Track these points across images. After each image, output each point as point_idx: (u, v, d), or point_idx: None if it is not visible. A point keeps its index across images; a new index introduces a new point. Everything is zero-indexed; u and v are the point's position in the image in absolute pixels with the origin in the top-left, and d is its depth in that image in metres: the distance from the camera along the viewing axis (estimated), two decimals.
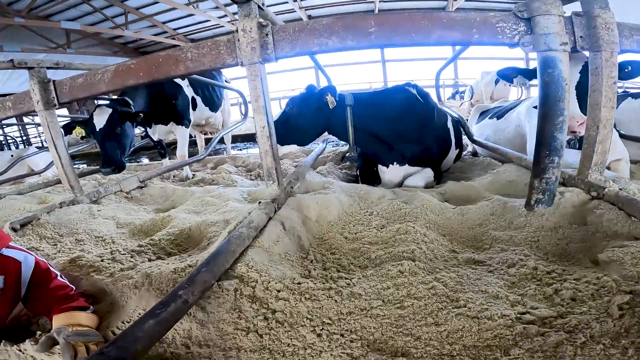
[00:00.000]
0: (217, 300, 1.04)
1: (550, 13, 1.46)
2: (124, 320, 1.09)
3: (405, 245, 1.39)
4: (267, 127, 1.62)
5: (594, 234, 1.34)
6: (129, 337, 0.74)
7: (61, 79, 2.32)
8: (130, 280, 1.24)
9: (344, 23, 1.60)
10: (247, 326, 0.98)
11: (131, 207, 2.55)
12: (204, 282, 0.96)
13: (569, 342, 0.85)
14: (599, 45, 1.54)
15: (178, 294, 0.88)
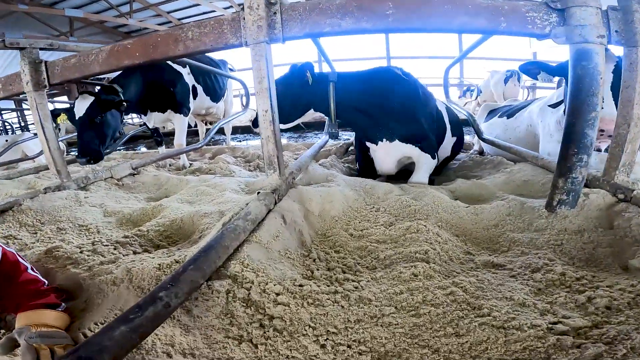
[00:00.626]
0: (206, 303, 0.90)
1: (587, 5, 1.36)
2: (97, 321, 0.95)
3: (418, 245, 1.26)
4: (269, 111, 1.48)
5: (622, 239, 1.22)
6: (94, 346, 0.61)
7: (53, 60, 2.20)
8: (109, 275, 1.11)
9: (359, 3, 1.46)
10: (239, 334, 0.84)
11: (121, 194, 2.41)
12: (190, 282, 0.82)
13: (608, 354, 0.74)
14: (635, 40, 1.44)
15: (159, 296, 0.74)
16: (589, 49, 1.36)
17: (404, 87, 2.41)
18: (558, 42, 1.41)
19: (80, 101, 2.84)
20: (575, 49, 1.38)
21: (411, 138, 2.35)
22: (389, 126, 2.35)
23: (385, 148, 2.40)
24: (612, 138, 1.53)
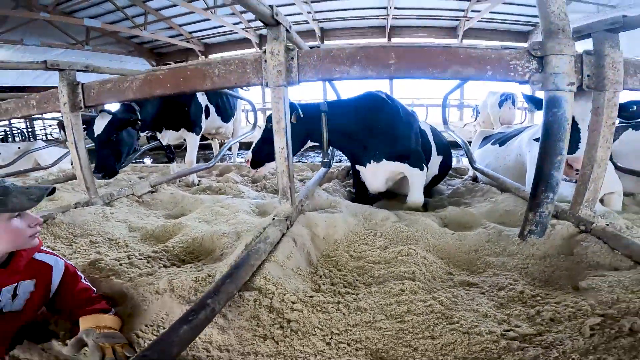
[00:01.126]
0: (238, 309, 1.15)
1: (563, 53, 1.52)
2: (147, 323, 1.18)
3: (407, 266, 1.51)
4: (285, 149, 1.74)
5: (578, 264, 1.47)
6: (166, 341, 0.85)
7: (89, 82, 2.39)
8: (151, 285, 1.34)
9: (366, 53, 1.68)
10: (264, 333, 1.09)
11: (142, 211, 2.66)
12: (228, 292, 1.07)
13: (544, 356, 0.97)
14: (603, 85, 1.59)
15: (207, 303, 0.99)
16: (559, 97, 1.52)
17: (388, 110, 2.64)
18: (535, 88, 1.59)
19: (99, 119, 3.04)
20: (548, 96, 1.55)
21: (397, 156, 2.59)
22: (376, 148, 2.58)
23: (373, 169, 2.64)
24: (579, 177, 1.75)
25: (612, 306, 1.15)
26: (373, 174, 2.68)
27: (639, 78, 1.63)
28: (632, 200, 2.88)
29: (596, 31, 1.62)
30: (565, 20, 1.53)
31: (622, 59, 1.58)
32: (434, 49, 1.64)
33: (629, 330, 1.02)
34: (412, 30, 15.27)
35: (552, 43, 1.51)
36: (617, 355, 0.94)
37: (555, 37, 1.51)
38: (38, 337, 1.19)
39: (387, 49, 1.66)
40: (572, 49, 1.54)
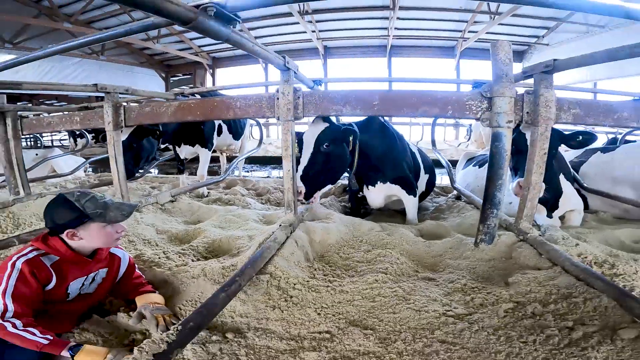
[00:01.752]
0: (255, 287, 1.60)
1: (504, 95, 1.84)
2: (187, 299, 1.63)
3: (382, 264, 1.95)
4: (291, 171, 2.21)
5: (512, 265, 1.90)
6: (211, 302, 1.30)
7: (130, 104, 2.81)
8: (187, 273, 1.78)
9: (356, 96, 2.12)
10: (273, 304, 1.54)
11: (165, 217, 3.10)
12: (249, 274, 1.53)
13: (468, 329, 1.39)
14: (537, 120, 1.89)
15: (235, 280, 1.44)
16: (500, 132, 1.85)
17: (390, 136, 3.04)
18: (484, 125, 1.91)
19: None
20: (493, 132, 1.89)
21: (399, 180, 3.02)
22: (385, 170, 2.99)
23: (379, 188, 3.07)
24: (521, 198, 2.16)
25: (524, 296, 1.57)
26: (377, 194, 3.11)
27: (572, 113, 1.95)
28: (595, 217, 3.30)
29: (536, 72, 1.97)
30: (509, 65, 1.86)
31: (555, 98, 1.90)
32: (408, 94, 2.08)
33: (532, 313, 1.45)
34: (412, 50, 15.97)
35: (497, 86, 1.85)
36: (519, 331, 1.35)
37: (500, 81, 1.85)
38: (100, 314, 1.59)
39: (373, 93, 2.11)
40: (512, 91, 1.85)
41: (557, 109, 1.93)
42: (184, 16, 1.20)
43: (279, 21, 13.55)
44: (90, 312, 1.57)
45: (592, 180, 3.49)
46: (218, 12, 1.31)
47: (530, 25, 12.86)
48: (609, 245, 2.31)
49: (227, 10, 1.34)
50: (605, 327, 1.30)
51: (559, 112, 1.94)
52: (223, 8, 1.31)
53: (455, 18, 13.03)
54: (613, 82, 11.41)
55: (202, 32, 1.35)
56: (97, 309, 1.64)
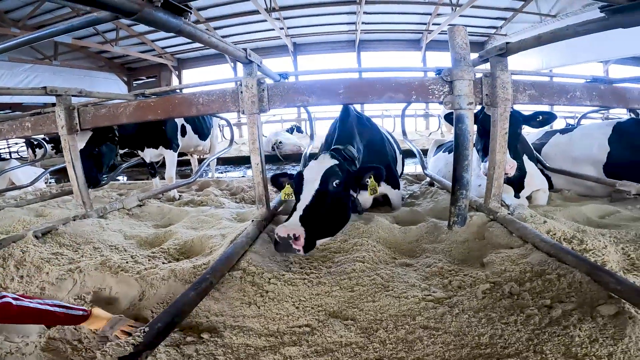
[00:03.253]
0: (228, 284, 1.54)
1: (464, 78, 1.90)
2: (158, 302, 1.55)
3: (359, 253, 1.92)
4: (260, 164, 2.16)
5: (486, 245, 1.93)
6: (180, 303, 1.24)
7: (84, 107, 2.66)
8: (157, 275, 1.70)
9: (321, 85, 2.13)
10: (249, 301, 1.48)
11: (133, 222, 2.97)
12: (221, 271, 1.46)
13: (449, 313, 1.39)
14: (496, 102, 1.96)
15: (206, 277, 1.38)
16: (463, 114, 1.92)
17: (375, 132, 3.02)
18: (447, 108, 1.97)
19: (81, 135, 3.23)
20: (456, 114, 1.95)
21: (387, 180, 2.96)
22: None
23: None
24: (487, 177, 2.21)
25: (500, 275, 1.59)
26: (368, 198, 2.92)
27: (527, 94, 2.04)
28: (559, 195, 3.43)
29: (491, 56, 2.03)
30: (466, 49, 1.93)
31: (511, 79, 1.97)
32: (372, 81, 2.09)
33: (509, 293, 1.46)
34: (380, 44, 16.20)
35: (457, 70, 1.92)
36: (499, 312, 1.36)
37: (459, 65, 1.92)
38: None
39: (337, 82, 2.10)
40: (471, 74, 1.92)
41: (514, 90, 2.00)
42: (127, 8, 1.14)
43: (246, 19, 13.38)
44: None
45: (554, 160, 3.62)
46: (166, 2, 1.25)
47: (488, 17, 13.36)
48: (575, 222, 2.39)
49: (175, 1, 1.28)
50: (583, 303, 1.32)
51: (516, 93, 2.01)
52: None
53: (420, 11, 13.35)
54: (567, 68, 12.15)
55: (150, 24, 1.29)
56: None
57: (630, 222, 2.41)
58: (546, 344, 1.17)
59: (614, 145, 3.25)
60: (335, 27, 14.81)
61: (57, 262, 1.95)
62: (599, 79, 2.31)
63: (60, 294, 1.70)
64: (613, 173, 3.22)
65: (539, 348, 1.16)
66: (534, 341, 1.20)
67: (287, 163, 9.73)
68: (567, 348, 1.13)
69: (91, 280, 1.78)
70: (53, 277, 1.79)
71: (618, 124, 3.37)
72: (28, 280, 1.81)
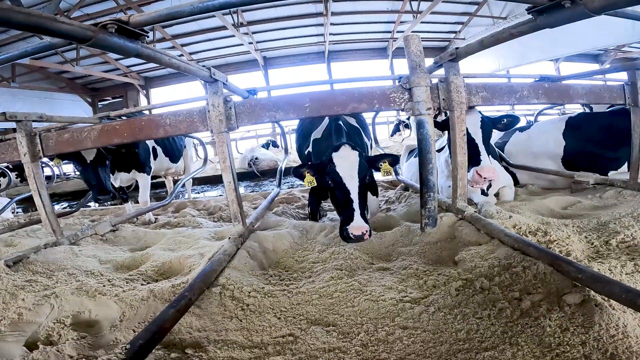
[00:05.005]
0: (208, 300, 1.56)
1: (420, 85, 1.98)
2: (139, 322, 1.54)
3: (337, 262, 1.98)
4: (232, 182, 2.18)
5: (457, 244, 2.02)
6: (160, 320, 1.24)
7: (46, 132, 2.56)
8: (136, 296, 1.69)
9: (287, 100, 2.16)
10: (230, 315, 1.50)
11: (108, 247, 2.90)
12: (200, 288, 1.48)
13: (425, 312, 1.45)
14: (452, 106, 2.04)
15: (185, 295, 1.39)
16: (423, 119, 2.00)
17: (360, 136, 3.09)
18: (409, 114, 2.04)
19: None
20: (416, 120, 2.03)
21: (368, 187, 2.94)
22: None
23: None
24: (452, 178, 2.31)
25: (471, 272, 1.67)
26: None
27: (480, 96, 2.15)
28: (525, 190, 3.59)
29: (444, 62, 2.13)
30: (420, 57, 2.02)
31: (464, 83, 2.07)
32: (336, 93, 2.15)
33: (480, 288, 1.54)
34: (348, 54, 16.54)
35: (414, 77, 2.00)
36: (473, 308, 1.43)
37: (415, 72, 2.00)
38: None
39: (303, 96, 2.16)
40: (426, 81, 2.00)
41: (468, 93, 2.11)
42: (81, 35, 1.17)
43: (214, 35, 13.36)
44: None
45: (516, 157, 3.82)
46: (120, 28, 1.27)
47: (448, 22, 13.94)
48: (540, 214, 2.53)
49: (130, 27, 1.30)
50: (549, 294, 1.40)
51: (469, 96, 2.11)
52: (126, 24, 1.28)
53: (384, 20, 13.81)
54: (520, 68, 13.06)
55: (106, 49, 1.31)
56: None
57: (591, 211, 2.56)
58: (520, 336, 1.24)
59: (568, 139, 3.47)
60: (304, 40, 15.04)
61: (31, 288, 1.90)
62: (546, 77, 2.47)
63: (38, 319, 1.66)
64: (571, 165, 3.44)
65: (514, 340, 1.23)
66: (509, 333, 1.27)
67: (264, 179, 9.72)
68: (540, 338, 1.21)
69: (69, 305, 1.74)
70: (29, 302, 1.74)
71: (570, 119, 3.61)
72: (4, 307, 1.75)
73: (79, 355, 1.38)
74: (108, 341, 1.48)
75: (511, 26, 1.70)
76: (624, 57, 14.94)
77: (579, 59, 15.24)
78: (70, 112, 14.51)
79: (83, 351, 1.40)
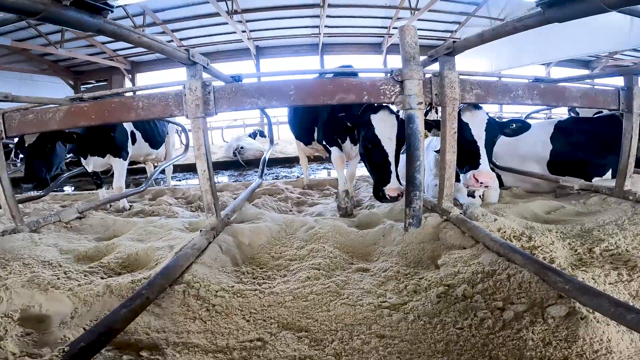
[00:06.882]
0: (170, 299, 1.42)
1: (413, 77, 1.88)
2: (91, 320, 1.41)
3: (315, 260, 1.86)
4: (207, 171, 2.03)
5: (440, 246, 1.93)
6: (108, 320, 1.11)
7: (10, 112, 2.39)
8: (91, 291, 1.54)
9: (271, 87, 2.03)
10: (193, 316, 1.36)
11: (72, 236, 2.72)
12: (160, 285, 1.34)
13: (404, 320, 1.35)
14: (445, 101, 1.95)
15: (142, 293, 1.25)
16: (413, 114, 1.90)
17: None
18: (399, 108, 1.94)
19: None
20: (406, 114, 1.93)
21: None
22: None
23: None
24: (439, 177, 2.21)
25: (454, 277, 1.57)
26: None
27: (474, 93, 2.05)
28: (509, 192, 3.55)
29: (439, 55, 2.03)
30: (415, 48, 1.92)
31: (458, 79, 1.97)
32: (324, 82, 2.03)
33: (462, 296, 1.43)
34: (343, 48, 16.37)
35: (407, 69, 1.90)
36: (454, 317, 1.33)
37: (408, 64, 1.90)
38: None
39: (287, 82, 2.02)
40: (419, 74, 1.90)
41: (461, 89, 2.00)
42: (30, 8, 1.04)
43: (206, 22, 13.04)
44: None
45: (502, 158, 3.77)
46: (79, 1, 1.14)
47: (445, 21, 13.89)
48: (524, 218, 2.47)
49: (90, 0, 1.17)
50: (533, 304, 1.31)
51: (463, 92, 2.01)
52: None
53: (382, 15, 13.67)
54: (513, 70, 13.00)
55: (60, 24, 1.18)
56: None
57: (574, 217, 2.52)
58: (501, 349, 1.15)
59: (556, 143, 3.43)
60: (298, 31, 14.81)
61: None
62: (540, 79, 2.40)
63: None
64: (556, 169, 3.40)
65: (494, 354, 1.14)
66: (489, 346, 1.18)
67: (249, 169, 9.53)
68: (522, 352, 1.12)
69: (19, 298, 1.58)
70: None
71: (559, 123, 3.57)
72: None
73: (21, 353, 1.24)
74: (56, 338, 1.34)
75: (516, 19, 1.60)
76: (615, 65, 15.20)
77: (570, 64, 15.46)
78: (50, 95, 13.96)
79: (27, 348, 1.26)
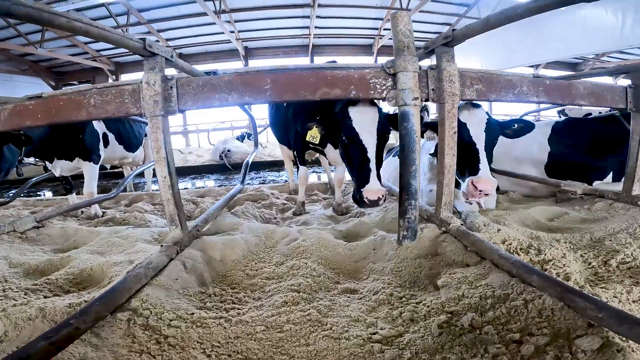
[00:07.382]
0: (111, 328, 1.16)
1: (407, 70, 1.67)
2: (18, 346, 1.16)
3: (295, 279, 1.61)
4: (168, 177, 1.75)
5: (439, 263, 1.68)
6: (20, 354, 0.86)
7: None
8: (24, 313, 1.29)
9: (243, 80, 1.76)
10: (140, 349, 1.11)
11: (26, 247, 2.43)
12: (96, 313, 1.09)
13: (399, 357, 1.10)
14: (443, 97, 1.74)
15: (70, 322, 1.01)
16: (408, 111, 1.67)
17: None
18: (390, 104, 1.72)
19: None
20: (400, 111, 1.70)
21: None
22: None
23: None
24: (437, 183, 1.97)
25: (458, 303, 1.31)
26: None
27: (474, 89, 1.83)
28: (505, 197, 3.36)
29: (436, 46, 1.81)
30: (410, 37, 1.69)
31: (458, 72, 1.76)
32: (305, 73, 1.77)
33: (470, 326, 1.18)
34: (333, 49, 16.22)
35: (400, 60, 1.67)
36: (459, 353, 1.08)
37: (402, 55, 1.67)
38: None
39: (263, 74, 1.77)
40: (415, 65, 1.68)
41: (461, 84, 1.79)
42: None
43: (193, 21, 12.74)
44: None
45: (497, 161, 3.57)
46: None
47: (435, 22, 13.73)
48: (526, 226, 2.27)
49: None
50: (558, 336, 1.08)
51: (463, 87, 1.80)
52: None
53: (372, 16, 13.50)
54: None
55: None
56: None
57: (580, 224, 2.32)
58: None
59: (554, 145, 3.26)
60: (288, 32, 14.62)
61: None
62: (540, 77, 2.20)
63: None
64: (554, 172, 3.23)
65: None
66: None
67: (236, 172, 9.23)
68: None
69: None
70: None
71: (557, 124, 3.41)
72: None
73: None
74: None
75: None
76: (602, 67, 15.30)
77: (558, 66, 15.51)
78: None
79: None
